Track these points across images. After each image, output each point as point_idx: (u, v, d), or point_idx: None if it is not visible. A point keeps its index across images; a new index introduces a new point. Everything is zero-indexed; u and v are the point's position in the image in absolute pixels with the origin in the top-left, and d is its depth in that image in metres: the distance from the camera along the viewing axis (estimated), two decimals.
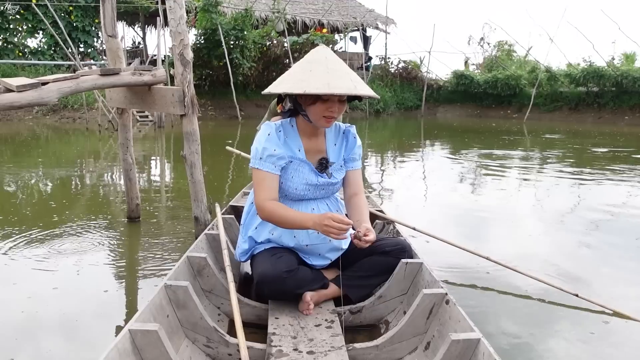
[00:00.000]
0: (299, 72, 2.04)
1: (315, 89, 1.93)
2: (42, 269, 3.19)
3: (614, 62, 18.86)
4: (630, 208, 5.02)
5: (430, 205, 5.38)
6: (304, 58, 2.13)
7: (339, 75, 1.98)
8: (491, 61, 23.55)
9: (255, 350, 1.86)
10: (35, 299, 2.73)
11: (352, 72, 2.09)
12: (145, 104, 3.86)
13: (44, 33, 19.13)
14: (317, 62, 2.03)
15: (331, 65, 2.02)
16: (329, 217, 1.96)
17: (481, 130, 15.11)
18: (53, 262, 3.30)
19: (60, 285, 2.95)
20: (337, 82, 1.95)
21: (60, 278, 3.06)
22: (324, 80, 1.95)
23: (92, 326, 2.44)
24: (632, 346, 2.32)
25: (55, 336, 2.33)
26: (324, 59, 2.04)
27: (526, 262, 3.27)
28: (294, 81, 2.00)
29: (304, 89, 1.94)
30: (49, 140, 11.64)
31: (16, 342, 2.25)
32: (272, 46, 18.71)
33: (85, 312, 2.58)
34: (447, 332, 1.83)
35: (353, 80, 2.02)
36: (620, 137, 12.99)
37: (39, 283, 2.97)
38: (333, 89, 1.93)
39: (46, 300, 2.72)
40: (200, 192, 3.61)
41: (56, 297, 2.78)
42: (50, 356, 2.14)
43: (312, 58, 2.08)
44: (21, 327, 2.40)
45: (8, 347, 2.20)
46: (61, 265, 3.26)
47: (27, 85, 2.89)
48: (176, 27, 3.40)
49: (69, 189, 5.95)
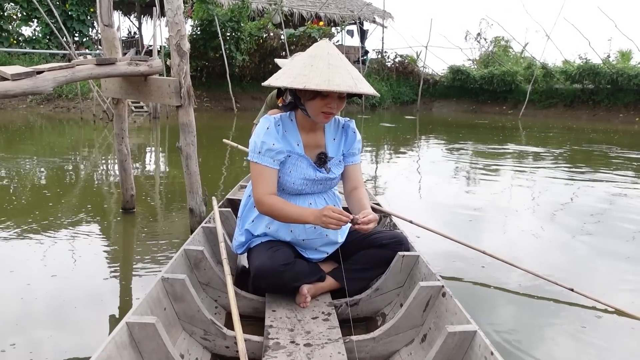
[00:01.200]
0: (300, 66, 2.01)
1: (315, 85, 1.91)
2: (36, 258, 3.18)
3: (609, 60, 18.93)
4: (624, 202, 5.05)
5: (424, 199, 5.39)
6: (306, 52, 2.11)
7: (339, 72, 1.97)
8: (487, 57, 23.57)
9: (253, 342, 1.86)
10: (31, 287, 2.72)
11: (354, 69, 2.07)
12: (141, 94, 3.83)
13: (39, 21, 18.96)
14: (318, 57, 2.01)
15: (333, 62, 2.00)
16: (329, 208, 1.97)
17: (476, 126, 15.13)
18: (46, 252, 3.29)
19: (54, 275, 2.93)
20: (337, 79, 1.93)
21: (54, 268, 3.05)
22: (325, 76, 1.94)
23: (86, 315, 2.43)
24: (623, 340, 2.34)
25: (49, 326, 2.32)
26: (326, 54, 2.02)
27: (521, 256, 3.29)
28: (295, 75, 1.98)
29: (304, 84, 1.93)
30: (43, 130, 11.56)
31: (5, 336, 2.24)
32: (268, 38, 18.63)
33: (80, 301, 2.57)
34: (443, 324, 1.84)
35: (354, 77, 2.00)
36: (614, 135, 13.05)
37: (32, 273, 2.96)
38: (333, 86, 1.91)
39: (41, 289, 2.71)
40: (195, 184, 3.60)
41: (51, 286, 2.76)
42: (46, 346, 2.13)
43: (314, 53, 2.05)
44: (17, 317, 2.39)
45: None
46: (55, 255, 3.25)
47: (22, 74, 2.86)
48: (173, 18, 3.37)
49: (63, 179, 5.92)
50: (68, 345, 2.16)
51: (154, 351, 1.61)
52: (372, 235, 2.38)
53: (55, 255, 3.27)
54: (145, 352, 1.61)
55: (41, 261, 3.15)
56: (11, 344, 2.13)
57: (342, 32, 23.00)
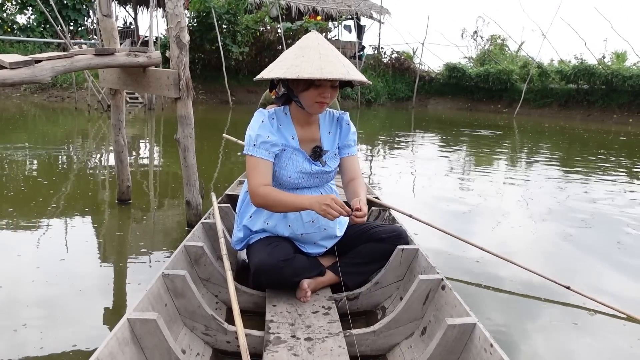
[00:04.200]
0: (291, 57, 2.02)
1: (308, 74, 1.92)
2: (29, 250, 3.16)
3: (604, 61, 19.01)
4: (616, 202, 5.08)
5: (419, 195, 5.39)
6: (295, 44, 2.11)
7: (331, 61, 1.97)
8: (483, 55, 23.62)
9: (254, 337, 1.86)
10: (22, 279, 2.70)
11: (344, 57, 2.08)
12: (139, 85, 3.81)
13: (34, 9, 18.79)
14: (309, 47, 2.02)
15: (323, 51, 2.01)
16: (332, 198, 1.96)
17: (471, 124, 15.16)
18: (40, 243, 3.28)
19: (48, 267, 2.91)
20: (329, 67, 1.94)
21: (47, 259, 3.03)
22: (317, 65, 1.94)
23: (81, 308, 2.43)
24: (614, 338, 2.36)
25: (43, 320, 2.30)
26: (316, 44, 2.03)
27: (517, 253, 3.30)
28: (287, 67, 1.98)
29: (297, 74, 1.93)
30: (36, 119, 11.48)
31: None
32: (265, 32, 18.58)
33: (75, 293, 2.56)
34: (443, 317, 1.85)
35: (345, 65, 2.01)
36: (607, 135, 13.12)
37: (26, 266, 2.94)
38: (326, 74, 1.92)
39: (37, 281, 2.69)
40: (193, 177, 3.59)
41: (44, 278, 2.74)
42: (38, 341, 2.11)
43: (304, 44, 2.06)
44: (5, 310, 2.38)
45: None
46: (49, 248, 3.23)
47: (20, 63, 2.83)
48: (173, 10, 3.35)
49: (58, 169, 5.89)
50: (63, 338, 2.15)
51: (156, 347, 1.61)
52: (371, 229, 2.39)
53: (49, 245, 3.26)
54: (147, 348, 1.61)
55: (34, 252, 3.13)
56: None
57: (340, 26, 22.97)
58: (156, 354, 1.62)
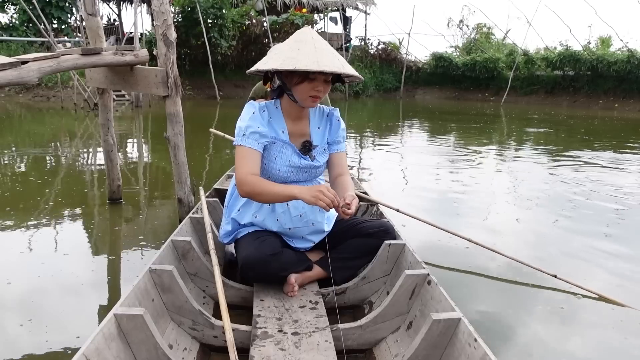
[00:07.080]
0: (287, 50, 2.04)
1: (305, 66, 1.94)
2: (20, 249, 3.17)
3: (589, 47, 19.13)
4: (604, 188, 5.16)
5: (406, 186, 5.44)
6: (290, 38, 2.14)
7: (326, 54, 2.01)
8: (470, 44, 23.68)
9: (241, 332, 1.88)
10: (15, 278, 2.72)
11: (337, 53, 2.12)
12: (127, 84, 3.80)
13: (16, 8, 18.56)
14: (304, 41, 2.05)
15: (318, 45, 2.04)
16: (325, 187, 1.97)
17: (458, 112, 15.23)
18: (31, 242, 3.28)
19: (40, 264, 2.92)
20: (325, 61, 1.97)
21: (39, 257, 3.04)
22: (313, 58, 1.96)
23: (72, 306, 2.44)
24: (603, 325, 2.42)
25: (33, 317, 2.32)
26: (311, 39, 2.06)
27: (504, 243, 3.36)
28: (283, 59, 2.00)
29: (294, 66, 1.95)
30: (22, 119, 11.39)
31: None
32: (251, 25, 18.48)
33: (66, 292, 2.58)
34: (428, 312, 1.88)
35: (340, 60, 2.05)
36: (593, 121, 13.23)
37: (22, 263, 2.96)
38: (323, 67, 1.94)
39: (28, 279, 2.71)
40: (184, 174, 3.60)
41: (37, 277, 2.76)
42: (28, 339, 2.13)
43: (299, 38, 2.09)
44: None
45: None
46: (41, 246, 3.24)
47: (6, 65, 2.82)
48: (159, 7, 3.33)
49: (46, 169, 5.86)
50: (51, 335, 2.16)
51: (143, 342, 1.62)
52: (358, 224, 2.42)
53: (41, 245, 3.26)
54: (133, 344, 1.62)
55: (26, 251, 3.14)
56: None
57: (325, 19, 22.90)
58: (143, 349, 1.62)
